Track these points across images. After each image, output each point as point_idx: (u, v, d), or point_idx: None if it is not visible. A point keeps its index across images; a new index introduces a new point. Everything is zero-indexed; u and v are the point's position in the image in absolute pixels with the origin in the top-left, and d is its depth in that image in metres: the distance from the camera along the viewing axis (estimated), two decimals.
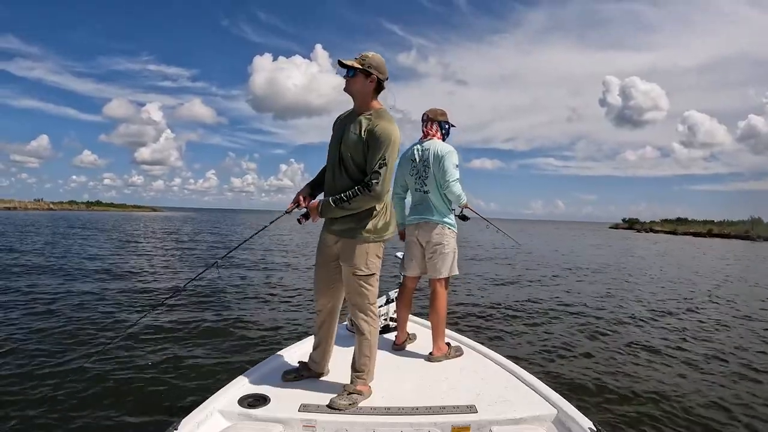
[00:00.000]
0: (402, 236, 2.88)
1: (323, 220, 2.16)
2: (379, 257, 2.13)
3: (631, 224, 71.33)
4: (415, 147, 2.80)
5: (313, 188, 2.23)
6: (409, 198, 2.87)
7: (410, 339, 2.90)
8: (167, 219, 49.92)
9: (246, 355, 4.13)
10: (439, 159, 2.68)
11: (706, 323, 6.38)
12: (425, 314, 3.02)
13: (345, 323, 2.96)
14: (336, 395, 2.01)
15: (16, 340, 4.27)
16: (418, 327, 3.14)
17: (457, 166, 2.70)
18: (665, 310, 7.14)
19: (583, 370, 4.13)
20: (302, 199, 2.17)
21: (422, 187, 2.74)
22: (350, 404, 1.97)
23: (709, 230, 51.44)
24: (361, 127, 2.02)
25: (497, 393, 2.12)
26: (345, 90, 2.09)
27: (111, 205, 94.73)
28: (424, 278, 2.87)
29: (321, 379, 2.28)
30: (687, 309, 7.31)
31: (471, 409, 1.94)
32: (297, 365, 2.35)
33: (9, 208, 57.45)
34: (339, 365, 2.32)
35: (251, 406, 1.93)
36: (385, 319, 3.17)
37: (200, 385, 3.31)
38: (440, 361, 2.59)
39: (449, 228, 2.74)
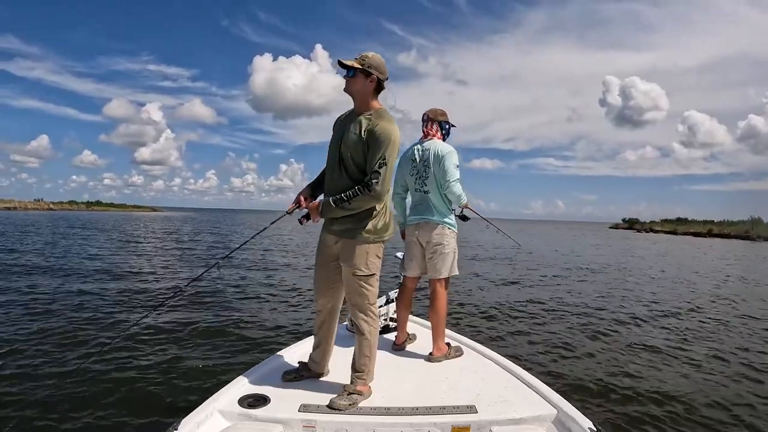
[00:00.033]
0: (403, 235, 2.88)
1: (323, 221, 2.17)
2: (379, 257, 2.13)
3: (631, 224, 71.31)
4: (416, 147, 2.80)
5: (314, 189, 2.23)
6: (409, 198, 2.87)
7: (410, 339, 2.90)
8: (167, 219, 49.93)
9: (246, 356, 4.13)
10: (440, 159, 2.67)
11: (707, 323, 6.37)
12: (425, 314, 3.02)
13: (345, 323, 2.96)
14: (336, 395, 2.01)
15: (17, 341, 4.27)
16: (418, 327, 3.14)
17: (458, 167, 2.70)
18: (665, 310, 7.13)
19: (584, 370, 4.13)
20: (303, 200, 2.17)
21: (422, 188, 2.74)
22: (350, 404, 1.97)
23: (709, 230, 51.43)
24: (361, 127, 2.02)
25: (497, 393, 2.12)
26: (345, 90, 2.09)
27: (111, 205, 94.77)
28: (424, 278, 2.87)
29: (321, 380, 2.28)
30: (687, 309, 7.31)
31: (471, 410, 1.94)
32: (297, 365, 2.35)
33: (9, 208, 57.47)
34: (339, 365, 2.32)
35: (251, 407, 1.93)
36: (385, 320, 3.17)
37: (200, 386, 3.32)
38: (440, 362, 2.59)
39: (449, 228, 2.74)
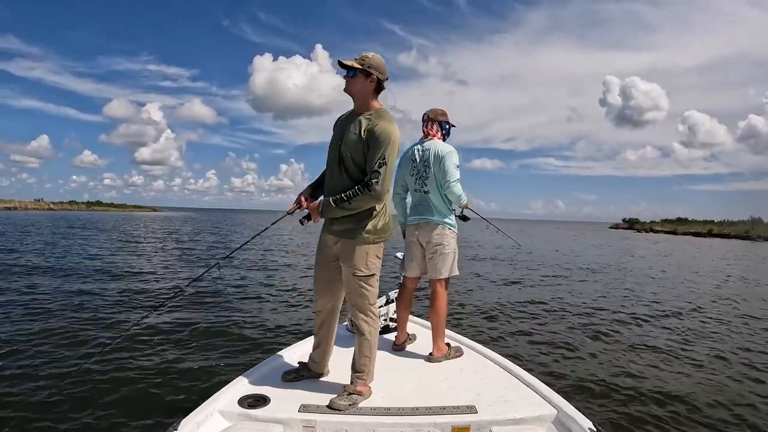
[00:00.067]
0: (405, 235, 2.88)
1: (323, 221, 2.16)
2: (379, 258, 2.13)
3: (632, 224, 71.30)
4: (416, 147, 2.79)
5: (315, 189, 2.23)
6: (410, 198, 2.86)
7: (410, 339, 2.90)
8: (167, 219, 49.95)
9: (246, 356, 4.13)
10: (440, 159, 2.67)
11: (708, 323, 6.37)
12: (425, 314, 3.02)
13: (345, 323, 2.96)
14: (336, 395, 2.01)
15: (17, 341, 4.27)
16: (418, 327, 3.14)
17: (458, 167, 2.69)
18: (666, 310, 7.13)
19: (584, 371, 4.13)
20: (303, 200, 2.17)
21: (422, 188, 2.73)
22: (350, 404, 1.97)
23: (710, 230, 51.43)
24: (361, 127, 2.02)
25: (497, 393, 2.12)
26: (345, 90, 2.09)
27: (111, 205, 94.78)
28: (425, 278, 2.87)
29: (321, 380, 2.28)
30: (688, 309, 7.30)
31: (471, 410, 1.94)
32: (297, 365, 2.35)
33: (9, 208, 57.49)
34: (339, 365, 2.32)
35: (251, 407, 1.93)
36: (385, 320, 3.17)
37: (200, 386, 3.32)
38: (440, 362, 2.59)
39: (450, 228, 2.74)
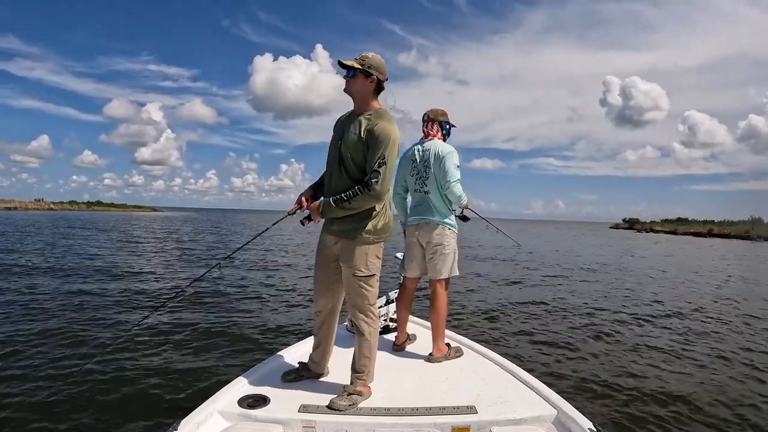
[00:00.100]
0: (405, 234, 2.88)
1: (324, 221, 2.17)
2: (379, 258, 2.13)
3: (632, 224, 71.31)
4: (416, 147, 2.79)
5: (315, 190, 2.23)
6: (410, 198, 2.86)
7: (410, 340, 2.90)
8: (168, 219, 49.96)
9: (246, 356, 4.13)
10: (440, 159, 2.67)
11: (709, 323, 6.37)
12: (425, 315, 3.02)
13: (345, 324, 2.96)
14: (336, 396, 2.01)
15: (17, 341, 4.27)
16: (418, 328, 3.14)
17: (458, 167, 2.69)
18: (667, 310, 7.12)
19: (584, 371, 4.12)
20: (304, 201, 2.17)
21: (423, 188, 2.73)
22: (350, 405, 1.97)
23: (710, 230, 51.44)
24: (361, 127, 2.02)
25: (497, 393, 2.12)
26: (345, 91, 2.09)
27: (111, 205, 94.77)
28: (425, 279, 2.87)
29: (321, 380, 2.28)
30: (689, 309, 7.29)
31: (471, 410, 1.94)
32: (297, 366, 2.35)
33: (9, 208, 57.51)
34: (339, 366, 2.32)
35: (251, 407, 1.93)
36: (385, 320, 3.17)
37: (200, 386, 3.32)
38: (440, 362, 2.59)
39: (450, 229, 2.73)
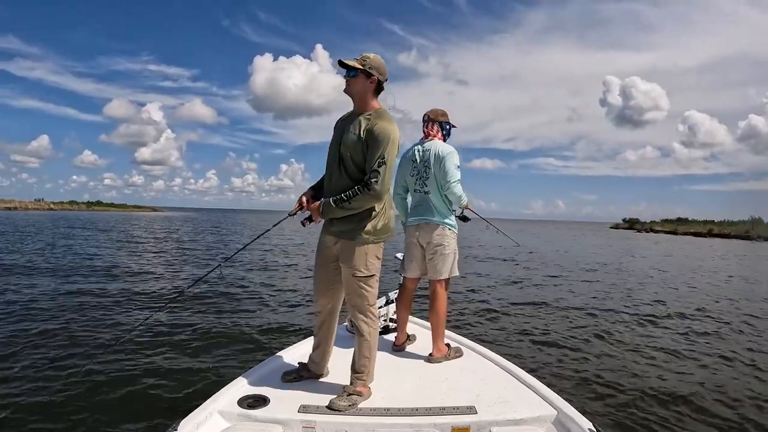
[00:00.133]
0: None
1: (324, 222, 2.16)
2: (379, 258, 2.13)
3: (632, 224, 71.31)
4: (416, 147, 2.79)
5: (316, 191, 2.22)
6: (410, 198, 2.86)
7: (410, 340, 2.90)
8: (168, 219, 49.96)
9: (246, 356, 4.13)
10: (440, 160, 2.67)
11: (710, 323, 6.37)
12: (425, 315, 3.02)
13: (345, 324, 2.96)
14: (336, 396, 2.01)
15: (17, 342, 4.26)
16: (418, 328, 3.14)
17: (458, 167, 2.69)
18: (668, 310, 7.12)
19: (584, 371, 4.12)
20: (305, 202, 2.17)
21: (423, 188, 2.73)
22: (350, 405, 1.97)
23: (710, 230, 51.45)
24: (361, 127, 2.02)
25: (497, 394, 2.12)
26: (345, 91, 2.09)
27: (111, 205, 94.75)
28: (425, 279, 2.87)
29: (321, 380, 2.28)
30: (690, 309, 7.29)
31: (471, 410, 1.94)
32: (297, 366, 2.35)
33: (9, 208, 57.52)
34: (339, 366, 2.31)
35: (251, 407, 1.93)
36: (385, 320, 3.17)
37: (200, 386, 3.32)
38: (440, 362, 2.59)
39: (450, 229, 2.73)
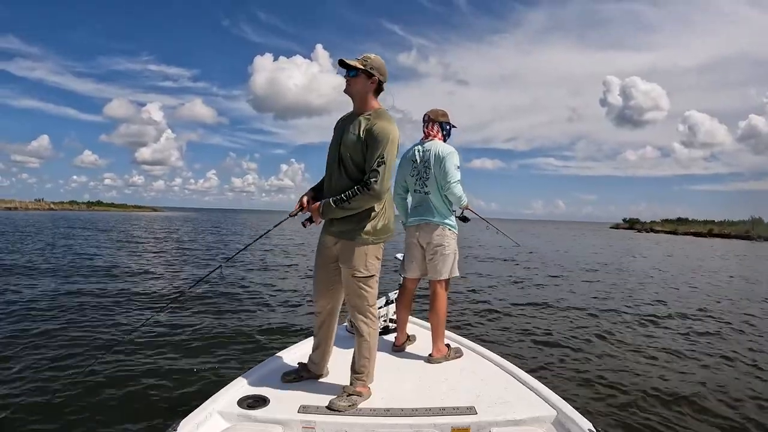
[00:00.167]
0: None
1: (324, 222, 2.16)
2: (379, 259, 2.13)
3: (632, 224, 71.33)
4: (416, 148, 2.79)
5: (317, 192, 2.21)
6: (410, 199, 2.86)
7: (410, 340, 2.90)
8: (168, 219, 49.96)
9: (245, 357, 4.12)
10: (440, 160, 2.67)
11: (710, 323, 6.37)
12: (425, 315, 3.02)
13: (345, 324, 2.96)
14: (335, 396, 2.01)
15: (17, 343, 4.26)
16: (418, 328, 3.14)
17: (459, 168, 2.69)
18: (668, 310, 7.12)
19: (584, 371, 4.12)
20: (305, 202, 2.17)
21: (423, 188, 2.73)
22: (350, 405, 1.97)
23: (710, 230, 51.47)
24: (360, 127, 2.02)
25: (497, 394, 2.12)
26: (345, 91, 2.09)
27: (112, 205, 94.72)
28: (424, 279, 2.87)
29: (320, 381, 2.28)
30: (691, 309, 7.28)
31: (471, 411, 1.94)
32: (296, 366, 2.35)
33: (10, 208, 57.51)
34: (338, 366, 2.31)
35: (251, 407, 1.93)
36: (385, 321, 3.17)
37: (200, 387, 3.32)
38: (440, 363, 2.59)
39: (450, 229, 2.73)
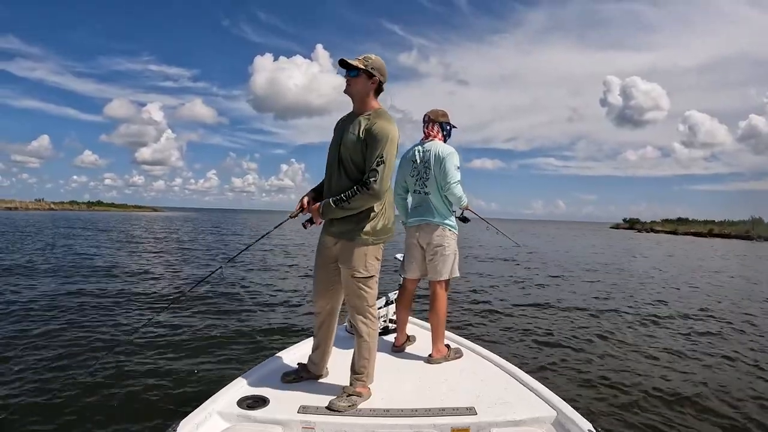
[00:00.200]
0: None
1: (324, 222, 2.16)
2: (378, 259, 2.13)
3: (632, 224, 71.32)
4: (416, 148, 2.79)
5: (318, 193, 2.21)
6: (410, 199, 2.86)
7: (410, 341, 2.90)
8: (168, 219, 49.94)
9: (245, 357, 4.12)
10: (440, 160, 2.67)
11: (711, 323, 6.36)
12: (425, 316, 3.02)
13: (344, 324, 2.96)
14: (335, 397, 2.01)
15: (17, 344, 4.26)
16: (418, 329, 3.14)
17: (459, 168, 2.69)
18: (669, 311, 7.11)
19: (584, 372, 4.12)
20: (306, 203, 2.17)
21: (423, 189, 2.73)
22: (349, 406, 1.97)
23: (710, 230, 51.45)
24: (360, 127, 2.02)
25: (497, 395, 2.12)
26: (346, 91, 2.09)
27: (112, 205, 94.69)
28: (424, 280, 2.87)
29: (320, 381, 2.28)
30: (691, 309, 7.27)
31: (470, 411, 1.94)
32: (296, 367, 2.35)
33: (10, 209, 57.51)
34: (338, 367, 2.31)
35: (250, 408, 1.93)
36: (385, 321, 3.17)
37: (199, 387, 3.31)
38: (440, 363, 2.58)
39: (450, 230, 2.73)
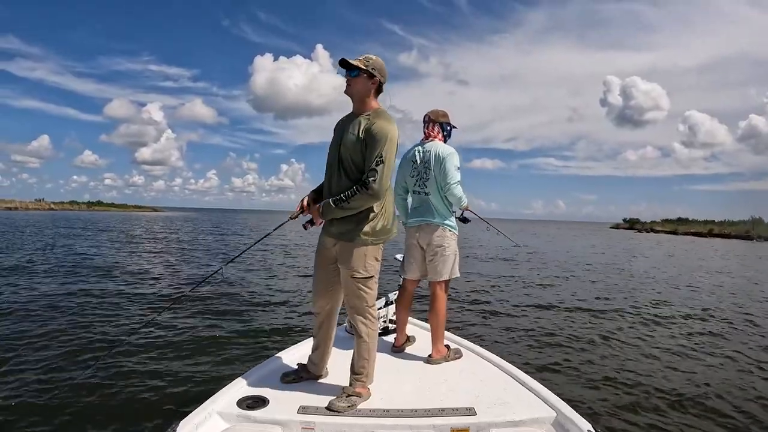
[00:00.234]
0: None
1: (323, 223, 2.16)
2: (378, 260, 2.13)
3: (632, 224, 71.32)
4: (416, 148, 2.79)
5: (318, 194, 2.21)
6: (410, 199, 2.86)
7: (409, 341, 2.90)
8: (168, 219, 49.94)
9: (245, 357, 4.12)
10: (441, 161, 2.67)
11: (713, 323, 6.36)
12: (425, 316, 3.02)
13: (344, 325, 2.96)
14: (335, 397, 2.01)
15: (17, 344, 4.26)
16: (418, 329, 3.14)
17: (459, 168, 2.69)
18: (670, 311, 7.11)
19: (584, 372, 4.11)
20: (306, 204, 2.17)
21: (423, 189, 2.73)
22: (349, 406, 1.97)
23: (710, 230, 51.45)
24: (360, 127, 2.02)
25: (496, 395, 2.12)
26: (346, 92, 2.09)
27: (112, 205, 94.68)
28: (424, 280, 2.87)
29: (320, 381, 2.28)
30: (692, 309, 7.26)
31: (470, 412, 1.94)
32: (296, 367, 2.35)
33: (10, 209, 57.50)
34: (338, 367, 2.32)
35: (250, 408, 1.93)
36: (384, 322, 3.17)
37: (199, 387, 3.32)
38: (439, 364, 2.59)
39: (450, 230, 2.73)
